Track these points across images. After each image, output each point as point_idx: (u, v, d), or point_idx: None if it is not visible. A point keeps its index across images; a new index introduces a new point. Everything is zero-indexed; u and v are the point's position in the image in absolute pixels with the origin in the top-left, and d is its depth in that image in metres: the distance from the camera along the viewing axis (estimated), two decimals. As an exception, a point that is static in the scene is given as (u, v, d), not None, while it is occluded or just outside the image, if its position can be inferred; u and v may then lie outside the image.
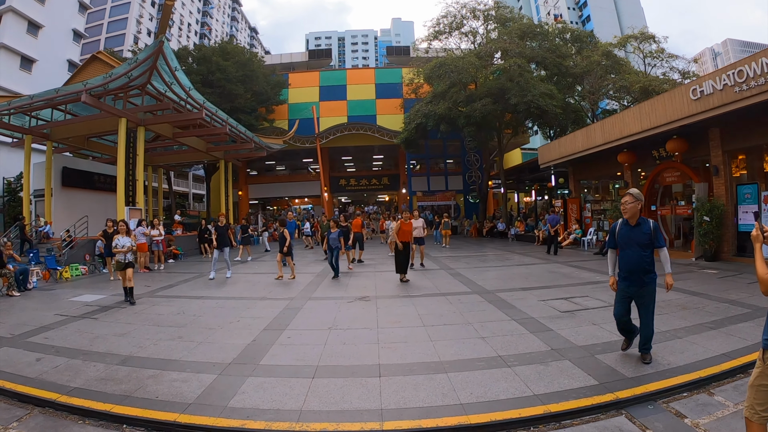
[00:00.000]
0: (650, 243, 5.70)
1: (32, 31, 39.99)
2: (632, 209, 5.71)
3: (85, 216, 22.48)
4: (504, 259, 18.37)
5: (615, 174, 22.48)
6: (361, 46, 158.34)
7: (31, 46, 39.61)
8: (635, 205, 5.68)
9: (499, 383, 5.25)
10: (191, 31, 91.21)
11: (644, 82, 27.29)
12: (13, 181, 33.99)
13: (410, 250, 13.86)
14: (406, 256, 13.21)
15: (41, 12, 40.73)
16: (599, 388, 4.95)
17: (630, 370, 5.42)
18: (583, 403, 4.64)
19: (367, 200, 53.64)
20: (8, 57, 37.58)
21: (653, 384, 5.00)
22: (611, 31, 69.24)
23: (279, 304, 10.21)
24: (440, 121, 31.03)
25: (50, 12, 41.69)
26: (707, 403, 4.71)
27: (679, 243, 19.24)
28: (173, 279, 15.47)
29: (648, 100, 18.20)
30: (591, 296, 9.74)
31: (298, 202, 51.26)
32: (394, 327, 7.88)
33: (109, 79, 18.58)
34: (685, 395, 4.90)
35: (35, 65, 39.82)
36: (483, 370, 5.66)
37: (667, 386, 4.97)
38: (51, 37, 41.73)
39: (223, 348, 6.99)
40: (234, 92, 34.87)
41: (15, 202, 32.86)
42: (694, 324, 7.34)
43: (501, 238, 30.76)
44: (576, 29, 36.88)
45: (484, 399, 4.82)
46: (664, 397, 4.84)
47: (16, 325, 8.87)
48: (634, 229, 5.75)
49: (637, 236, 5.73)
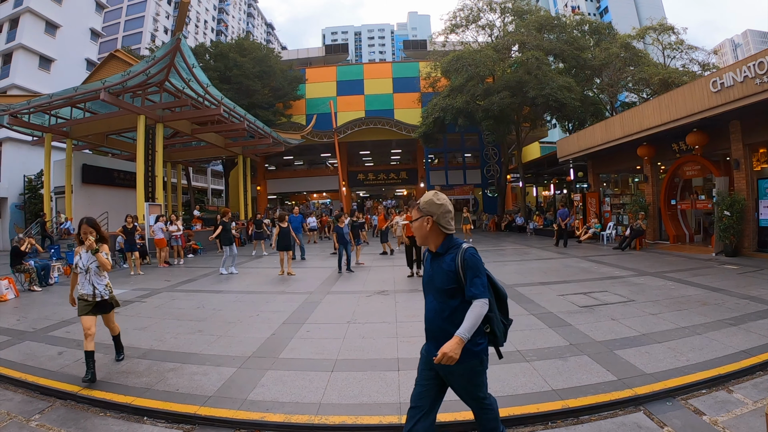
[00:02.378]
0: (455, 288, 3.23)
1: (50, 31, 40.33)
2: (420, 229, 3.44)
3: (105, 212, 22.73)
4: (522, 254, 18.34)
5: (635, 168, 22.30)
6: (377, 41, 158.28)
7: (49, 45, 39.94)
8: (421, 223, 3.40)
9: (518, 378, 5.26)
10: (208, 28, 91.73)
11: (664, 74, 26.98)
12: (34, 179, 34.42)
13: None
14: (417, 251, 13.12)
15: (58, 12, 41.06)
16: (617, 383, 4.93)
17: (649, 366, 5.37)
18: (602, 398, 4.63)
19: (386, 194, 53.61)
20: (27, 57, 37.93)
21: (672, 380, 4.96)
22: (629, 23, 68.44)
23: (298, 298, 10.29)
24: (458, 115, 30.91)
25: (67, 12, 42.01)
26: (726, 400, 4.67)
27: (699, 238, 19.12)
28: (193, 273, 15.67)
29: (667, 92, 17.99)
30: (610, 291, 9.68)
31: (316, 196, 51.47)
32: (413, 321, 7.88)
33: (128, 77, 18.81)
34: (704, 392, 4.86)
35: (54, 64, 40.16)
36: (501, 365, 5.60)
37: (686, 383, 4.94)
38: (69, 36, 42.05)
39: (243, 342, 7.08)
40: (251, 88, 35.07)
41: (36, 199, 33.27)
42: (714, 320, 7.22)
43: (519, 232, 30.65)
44: (594, 21, 36.48)
45: (503, 393, 4.82)
46: (683, 393, 4.80)
47: (38, 320, 9.05)
48: (435, 263, 3.40)
49: (437, 274, 3.35)
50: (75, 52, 43.05)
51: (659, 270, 12.46)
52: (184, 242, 20.44)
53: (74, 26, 42.86)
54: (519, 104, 29.77)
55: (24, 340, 7.56)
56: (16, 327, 8.59)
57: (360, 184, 48.44)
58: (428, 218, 3.34)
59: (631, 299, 8.82)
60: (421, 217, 3.38)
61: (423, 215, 3.37)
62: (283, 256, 14.43)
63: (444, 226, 3.34)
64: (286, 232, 14.47)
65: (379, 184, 48.78)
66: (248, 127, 26.62)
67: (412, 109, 40.62)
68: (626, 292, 9.49)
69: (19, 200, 35.02)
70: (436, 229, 3.35)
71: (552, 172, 36.28)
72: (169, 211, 27.51)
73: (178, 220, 20.41)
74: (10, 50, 37.48)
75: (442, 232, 3.35)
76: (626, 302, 8.59)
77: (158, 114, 22.62)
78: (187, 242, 21.45)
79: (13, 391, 5.71)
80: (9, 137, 32.74)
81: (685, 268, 12.85)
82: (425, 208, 3.36)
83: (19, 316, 9.55)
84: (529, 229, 29.30)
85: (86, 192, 25.96)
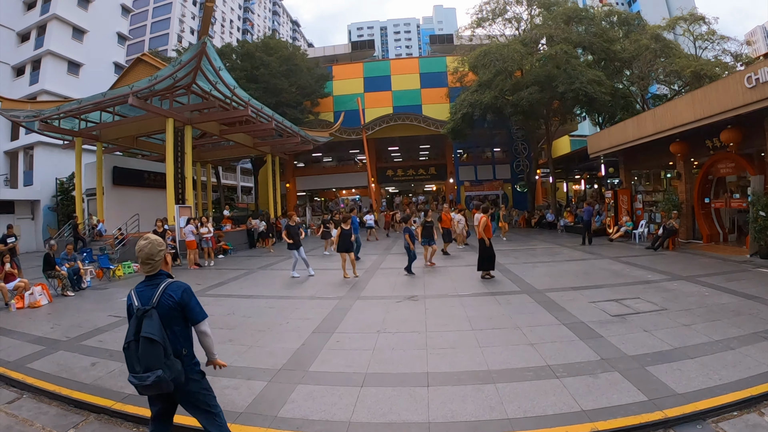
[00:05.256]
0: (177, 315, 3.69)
1: (77, 36, 41.11)
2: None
3: (136, 214, 23.14)
4: (553, 254, 18.18)
5: (667, 164, 21.92)
6: (403, 35, 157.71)
7: (77, 50, 40.76)
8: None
9: (548, 396, 5.22)
10: (233, 27, 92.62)
11: (695, 66, 26.38)
12: (66, 181, 35.21)
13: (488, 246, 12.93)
14: (491, 251, 12.81)
15: (85, 17, 41.79)
16: (648, 404, 4.87)
17: (680, 385, 5.30)
18: (631, 421, 4.58)
19: (415, 190, 53.59)
20: (55, 63, 38.76)
21: (703, 402, 4.87)
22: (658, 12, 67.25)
23: (327, 304, 10.34)
24: (487, 111, 30.73)
25: (94, 17, 42.73)
26: (757, 424, 4.57)
27: (734, 237, 18.69)
28: (223, 276, 15.84)
29: (700, 88, 17.62)
30: (642, 298, 9.54)
31: (345, 193, 51.62)
32: (443, 331, 7.89)
33: (155, 81, 19.17)
34: (735, 414, 4.77)
35: (82, 69, 40.93)
36: (531, 381, 5.64)
37: (718, 405, 4.84)
38: (96, 41, 42.80)
39: (273, 352, 7.15)
40: (278, 87, 35.29)
41: (68, 201, 34.09)
42: (748, 333, 7.04)
43: (550, 229, 30.36)
44: (623, 12, 35.81)
45: (532, 414, 4.82)
46: (714, 416, 4.72)
47: (71, 327, 9.28)
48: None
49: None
50: (103, 56, 43.86)
51: (692, 274, 12.24)
52: (214, 243, 20.66)
53: (101, 31, 43.63)
54: (548, 99, 29.43)
55: (58, 350, 7.76)
56: (50, 335, 8.82)
57: (389, 180, 48.42)
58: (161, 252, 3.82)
59: (663, 307, 8.68)
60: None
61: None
62: (345, 257, 14.21)
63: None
64: (348, 233, 14.15)
65: (408, 180, 48.71)
66: (276, 127, 26.80)
67: (440, 104, 40.50)
68: (659, 299, 9.34)
69: (51, 202, 35.95)
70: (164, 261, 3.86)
71: (583, 168, 35.88)
72: (199, 211, 27.89)
73: (209, 222, 20.65)
74: (39, 57, 38.37)
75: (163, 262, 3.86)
76: (659, 311, 8.46)
77: (186, 116, 22.97)
78: (218, 243, 21.67)
79: (48, 404, 5.88)
80: (40, 141, 33.67)
81: (719, 271, 12.60)
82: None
83: (52, 324, 9.80)
84: (559, 226, 29.00)
85: (117, 193, 26.48)
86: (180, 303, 3.67)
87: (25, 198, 35.15)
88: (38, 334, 8.91)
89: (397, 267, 15.72)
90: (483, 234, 12.70)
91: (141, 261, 3.72)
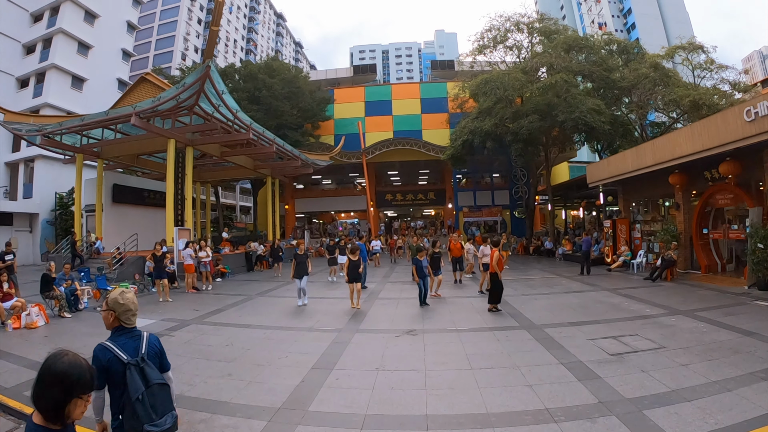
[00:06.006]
0: None
1: (82, 51, 41.73)
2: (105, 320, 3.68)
3: (134, 234, 23.15)
4: (551, 285, 18.15)
5: (666, 194, 22.03)
6: (405, 59, 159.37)
7: (82, 65, 41.33)
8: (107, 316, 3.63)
9: (546, 443, 5.22)
10: (237, 47, 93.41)
11: (694, 95, 26.59)
12: (65, 196, 35.42)
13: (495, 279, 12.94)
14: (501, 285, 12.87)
15: (90, 33, 42.45)
16: (645, 453, 4.88)
17: (677, 430, 5.29)
18: (630, 472, 4.59)
19: (413, 215, 53.70)
20: (59, 76, 39.26)
21: (700, 450, 4.89)
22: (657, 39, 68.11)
23: (326, 337, 10.30)
24: (487, 138, 30.94)
25: (99, 33, 43.42)
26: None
27: (731, 267, 18.76)
28: (221, 302, 15.80)
29: (700, 120, 17.80)
30: (640, 335, 9.55)
31: (344, 216, 51.67)
32: (441, 369, 7.88)
33: (158, 103, 19.42)
34: (731, 462, 4.78)
35: (86, 84, 41.47)
36: (530, 426, 5.64)
37: (714, 453, 4.84)
38: (100, 56, 43.42)
39: (272, 389, 7.11)
40: (280, 109, 35.64)
41: (67, 215, 34.36)
42: (746, 373, 7.05)
43: (548, 256, 30.44)
44: (622, 41, 36.22)
45: (531, 462, 4.83)
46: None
47: (67, 355, 9.21)
48: None
49: None
50: (107, 71, 44.41)
51: (690, 308, 12.27)
52: (212, 268, 20.65)
53: (106, 47, 44.25)
54: (548, 127, 29.70)
55: None
56: None
57: (388, 204, 48.61)
58: (113, 313, 3.60)
59: (661, 345, 8.70)
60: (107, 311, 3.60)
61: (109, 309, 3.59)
62: (353, 288, 13.98)
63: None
64: (357, 264, 13.92)
65: (407, 204, 48.93)
66: (277, 150, 27.01)
67: (440, 129, 40.88)
68: (657, 336, 9.36)
69: (50, 216, 36.16)
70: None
71: (581, 196, 36.03)
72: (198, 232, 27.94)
73: (207, 247, 20.63)
74: (44, 69, 38.92)
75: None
76: (657, 349, 8.48)
77: (188, 137, 23.20)
78: (216, 266, 21.66)
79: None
80: (41, 154, 33.92)
81: (716, 305, 12.65)
82: (113, 305, 3.60)
83: (49, 348, 9.63)
84: (558, 254, 29.06)
85: (116, 211, 26.62)
86: (160, 350, 3.74)
87: (24, 211, 35.41)
88: (35, 359, 8.89)
89: (394, 297, 15.82)
90: (496, 268, 12.66)
91: (130, 313, 3.65)
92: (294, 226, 46.27)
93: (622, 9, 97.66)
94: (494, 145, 31.95)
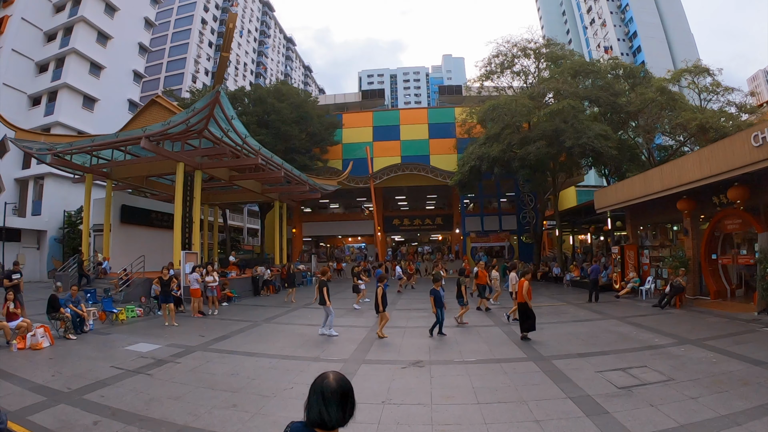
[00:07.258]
0: None
1: (94, 71, 42.58)
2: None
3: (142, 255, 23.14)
4: (559, 314, 18.05)
5: (674, 219, 21.92)
6: (412, 83, 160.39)
7: (93, 86, 42.18)
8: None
9: (553, 484, 5.14)
10: (247, 71, 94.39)
11: (701, 119, 26.59)
12: (74, 214, 35.74)
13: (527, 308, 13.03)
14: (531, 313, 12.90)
15: (103, 54, 43.32)
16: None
17: (687, 471, 5.24)
18: None
19: (420, 240, 53.67)
20: (71, 96, 40.04)
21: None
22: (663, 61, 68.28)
23: (332, 368, 10.14)
24: (494, 164, 31.09)
25: (112, 54, 44.35)
26: None
27: (741, 292, 18.59)
28: (227, 328, 15.71)
29: (707, 146, 17.78)
30: (649, 366, 9.44)
31: (351, 240, 51.67)
32: (448, 404, 7.79)
33: (168, 126, 19.69)
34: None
35: (97, 104, 42.24)
36: (537, 465, 5.58)
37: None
38: (112, 77, 44.32)
39: (277, 423, 6.97)
40: (289, 133, 35.97)
41: (74, 234, 34.67)
42: (755, 405, 6.96)
43: (556, 283, 30.28)
44: (628, 65, 36.49)
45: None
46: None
47: (73, 377, 9.26)
48: None
49: None
50: (118, 92, 45.25)
51: (700, 336, 12.17)
52: (219, 293, 20.59)
53: (118, 68, 45.12)
54: (555, 153, 29.76)
55: (59, 403, 7.71)
56: (51, 384, 8.80)
57: (395, 229, 48.66)
58: None
59: (670, 377, 8.59)
60: None
61: None
62: (384, 317, 13.78)
63: None
64: (385, 293, 13.74)
65: (414, 229, 49.04)
66: (285, 175, 27.19)
67: (448, 155, 41.09)
68: (666, 367, 9.25)
69: (58, 234, 36.44)
70: None
71: (589, 221, 35.95)
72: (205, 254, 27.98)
73: (214, 271, 20.60)
74: (56, 89, 39.73)
75: None
76: (666, 382, 8.37)
77: (197, 161, 23.44)
78: (222, 291, 21.61)
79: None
80: (51, 172, 34.37)
81: (726, 332, 12.58)
82: None
83: (54, 371, 9.80)
84: (565, 280, 28.89)
85: (124, 232, 26.77)
86: None
87: (32, 227, 35.85)
88: (39, 382, 8.89)
89: (401, 325, 15.77)
90: (526, 297, 12.79)
91: None
92: (301, 249, 46.32)
93: (627, 32, 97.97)
94: (502, 171, 32.06)
